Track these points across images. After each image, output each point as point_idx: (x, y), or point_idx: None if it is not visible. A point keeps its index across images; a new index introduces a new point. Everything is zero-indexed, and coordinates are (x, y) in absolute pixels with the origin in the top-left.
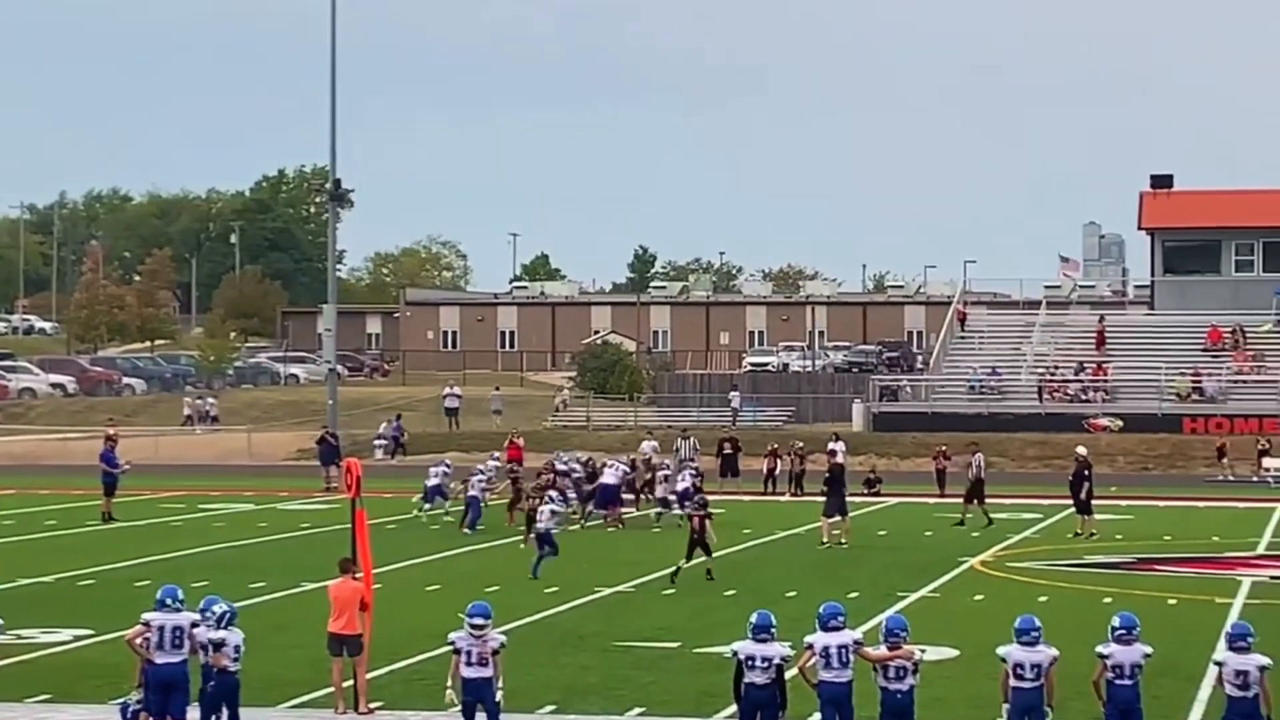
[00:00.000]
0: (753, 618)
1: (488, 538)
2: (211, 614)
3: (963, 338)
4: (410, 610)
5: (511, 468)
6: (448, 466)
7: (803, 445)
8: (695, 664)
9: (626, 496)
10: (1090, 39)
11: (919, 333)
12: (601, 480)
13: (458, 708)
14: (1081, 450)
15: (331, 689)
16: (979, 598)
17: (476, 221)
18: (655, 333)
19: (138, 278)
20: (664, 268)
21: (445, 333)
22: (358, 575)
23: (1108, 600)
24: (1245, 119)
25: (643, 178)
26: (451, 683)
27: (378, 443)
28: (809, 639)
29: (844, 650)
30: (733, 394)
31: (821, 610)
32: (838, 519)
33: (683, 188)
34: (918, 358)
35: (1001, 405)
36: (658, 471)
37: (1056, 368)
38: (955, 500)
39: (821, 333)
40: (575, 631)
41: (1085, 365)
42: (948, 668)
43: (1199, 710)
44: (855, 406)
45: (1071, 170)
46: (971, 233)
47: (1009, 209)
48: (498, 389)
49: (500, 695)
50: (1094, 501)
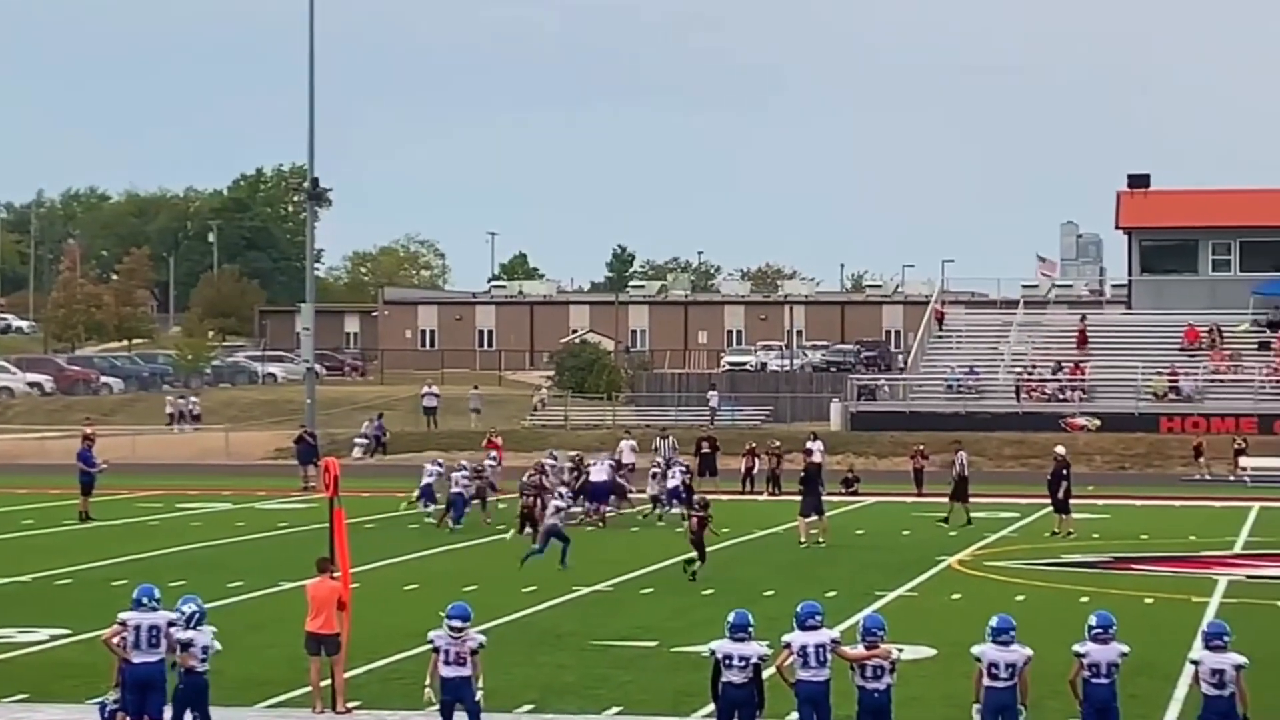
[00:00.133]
0: (730, 617)
1: (466, 537)
2: (181, 614)
3: (940, 337)
4: (388, 610)
5: (478, 467)
6: (439, 465)
7: (779, 444)
8: (673, 663)
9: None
10: (1068, 40)
11: (897, 332)
12: (590, 477)
13: (436, 706)
14: (1060, 449)
15: (309, 688)
16: (956, 597)
17: (454, 221)
18: (633, 332)
19: (115, 277)
20: (642, 267)
21: (423, 332)
22: (335, 574)
23: (1084, 599)
24: (1223, 119)
25: (621, 177)
26: (430, 681)
27: (358, 441)
28: (786, 638)
29: (821, 649)
30: (711, 393)
31: (799, 609)
32: (814, 518)
33: (661, 187)
34: (896, 357)
35: (979, 405)
36: (650, 470)
37: (1034, 367)
38: (933, 500)
39: (799, 332)
40: (553, 631)
41: (1063, 365)
42: (925, 667)
43: (1175, 709)
44: (833, 406)
45: (1049, 170)
46: (949, 232)
47: (986, 209)
48: (476, 388)
49: (480, 695)
50: (1071, 501)
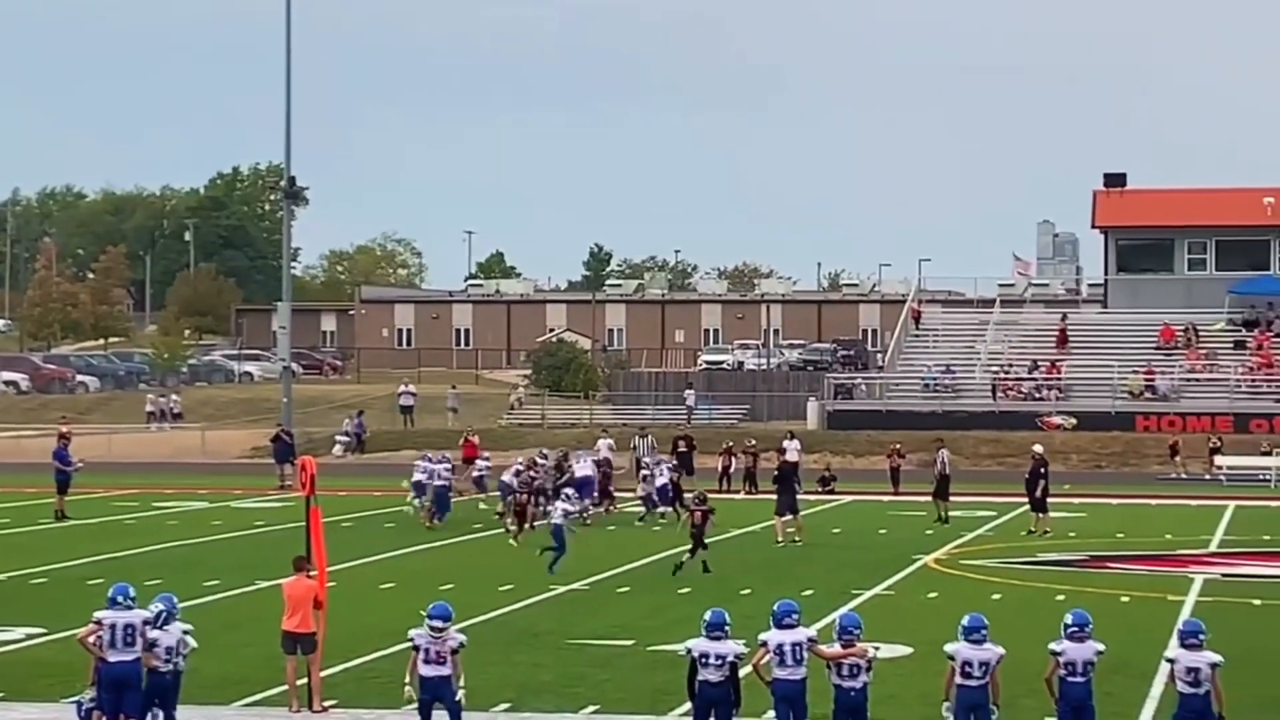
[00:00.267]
0: (707, 615)
1: (443, 536)
2: (150, 613)
3: (917, 336)
4: (365, 608)
5: (452, 466)
6: (430, 461)
7: (755, 443)
8: (650, 662)
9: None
10: (1045, 39)
11: (874, 331)
12: (574, 474)
13: (414, 705)
14: (1038, 448)
15: (285, 687)
16: (933, 595)
17: (431, 219)
18: (610, 330)
19: (91, 275)
20: (619, 266)
21: (400, 330)
22: (312, 573)
23: (1061, 598)
24: (1199, 118)
25: (598, 176)
26: (410, 680)
27: (339, 439)
28: (763, 636)
29: (798, 648)
30: (688, 392)
31: (776, 608)
32: (789, 517)
33: (638, 186)
34: (873, 356)
35: (956, 403)
36: (640, 470)
37: (1011, 366)
38: (909, 498)
39: (776, 331)
40: (530, 629)
41: (1039, 364)
42: (901, 665)
43: (1151, 707)
44: (810, 404)
45: (1025, 169)
46: (926, 232)
47: (963, 208)
48: (454, 387)
49: (462, 695)
50: (1048, 500)
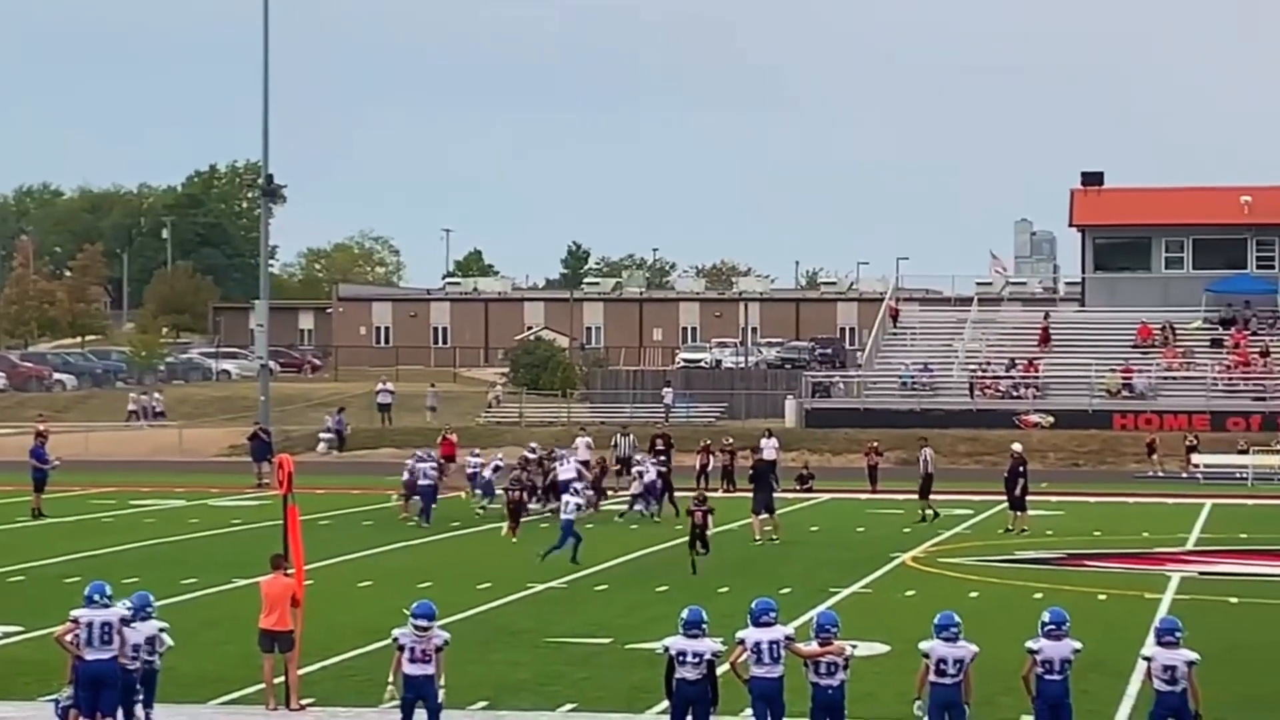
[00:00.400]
0: (684, 613)
1: (420, 534)
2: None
3: (895, 334)
4: (342, 606)
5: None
6: (477, 455)
7: (732, 441)
8: (627, 660)
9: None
10: (1022, 39)
11: (851, 329)
12: (558, 473)
13: (395, 703)
14: (1017, 447)
15: (263, 685)
16: (910, 593)
17: (409, 217)
18: (588, 329)
19: (69, 273)
20: (597, 264)
21: (378, 328)
22: (289, 571)
23: (1038, 596)
24: (1176, 118)
25: (576, 174)
26: (393, 678)
27: (323, 436)
28: (740, 634)
29: (775, 646)
30: (666, 390)
31: (753, 606)
32: (765, 515)
33: (616, 184)
34: (852, 354)
35: (933, 401)
36: (633, 468)
37: (988, 364)
38: (887, 496)
39: (754, 329)
40: (507, 628)
41: (1016, 362)
42: (879, 663)
43: (1128, 705)
44: (788, 403)
45: (1003, 168)
46: (904, 230)
47: (941, 206)
48: (433, 385)
49: (443, 693)
50: (1026, 498)
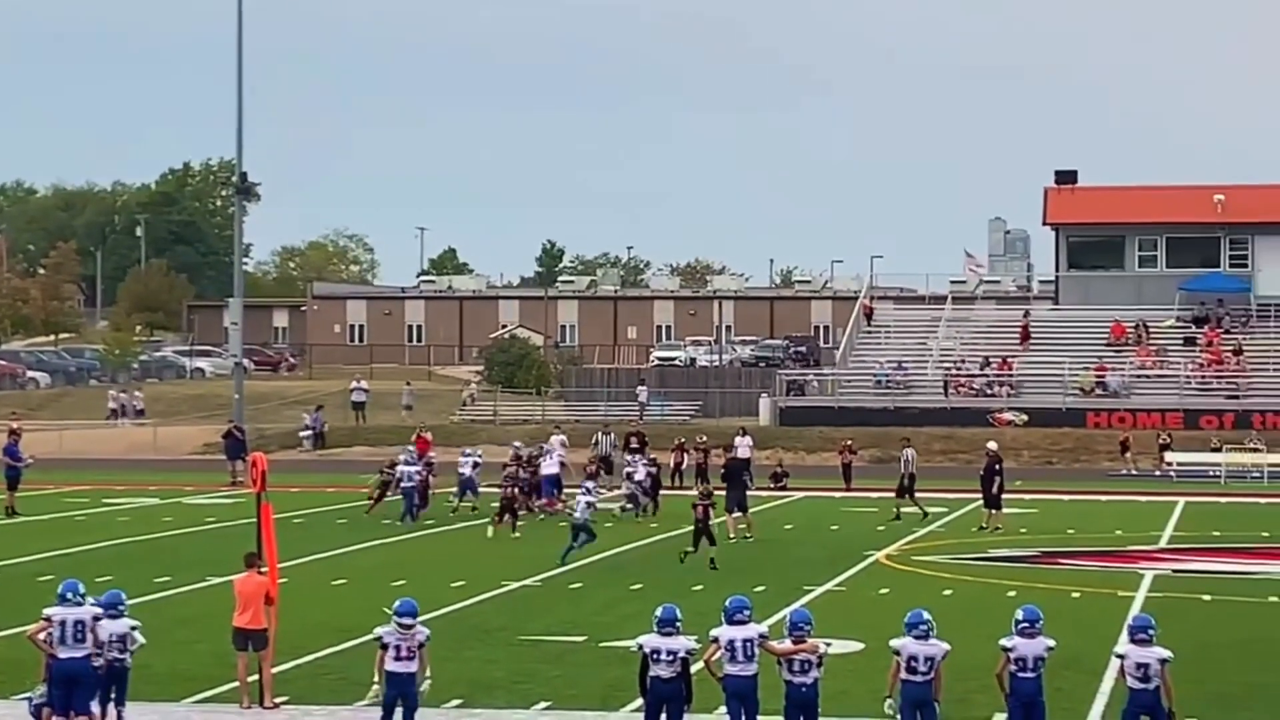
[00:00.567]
0: (658, 611)
1: (394, 532)
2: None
3: (869, 332)
4: (316, 604)
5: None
6: (474, 454)
7: (705, 439)
8: (601, 658)
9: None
10: (996, 37)
11: (826, 327)
12: (540, 471)
13: (377, 701)
14: (993, 445)
15: (236, 683)
16: (884, 591)
17: (383, 215)
18: (563, 327)
19: (42, 271)
20: (572, 262)
21: (352, 326)
22: (263, 570)
23: (1011, 593)
24: (1149, 116)
25: (550, 172)
26: (377, 677)
27: (304, 434)
28: (714, 632)
29: (749, 644)
30: (640, 388)
31: (727, 604)
32: (739, 514)
33: (590, 182)
34: (826, 353)
35: (907, 400)
36: (625, 469)
37: (963, 362)
38: (861, 494)
39: (729, 327)
40: (481, 626)
41: (990, 360)
42: (853, 661)
43: (1101, 702)
44: (762, 401)
45: (977, 166)
46: (878, 228)
47: (915, 204)
48: (408, 384)
49: (428, 684)
50: (1002, 496)
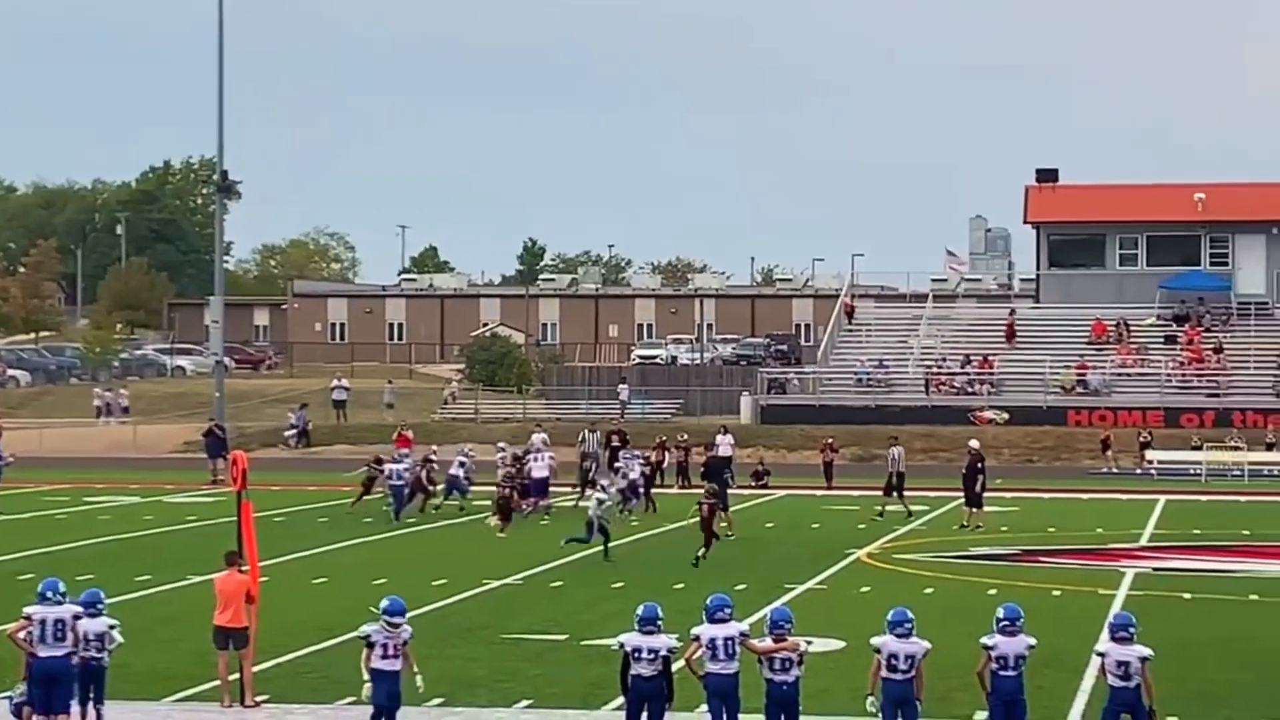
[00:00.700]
0: (639, 610)
1: (374, 530)
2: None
3: (850, 331)
4: (297, 603)
5: (378, 458)
6: (469, 455)
7: (686, 437)
8: (583, 656)
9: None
10: (976, 35)
11: (807, 326)
12: (532, 475)
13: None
14: (974, 443)
15: (217, 682)
16: (865, 590)
17: (364, 214)
18: (544, 325)
19: (22, 269)
20: (553, 260)
21: (333, 325)
22: (244, 568)
23: (992, 592)
24: (1130, 115)
25: (531, 170)
26: (367, 675)
27: (289, 432)
28: (695, 631)
29: (730, 642)
30: (621, 386)
31: (708, 602)
32: (720, 512)
33: (571, 181)
34: (808, 351)
35: (888, 398)
36: (615, 465)
37: (944, 360)
38: (842, 492)
39: (710, 325)
40: (463, 624)
41: (971, 358)
42: (834, 659)
43: (1082, 700)
44: (743, 399)
45: (958, 165)
46: (859, 226)
47: (896, 203)
48: (390, 382)
49: (420, 680)
50: (984, 494)
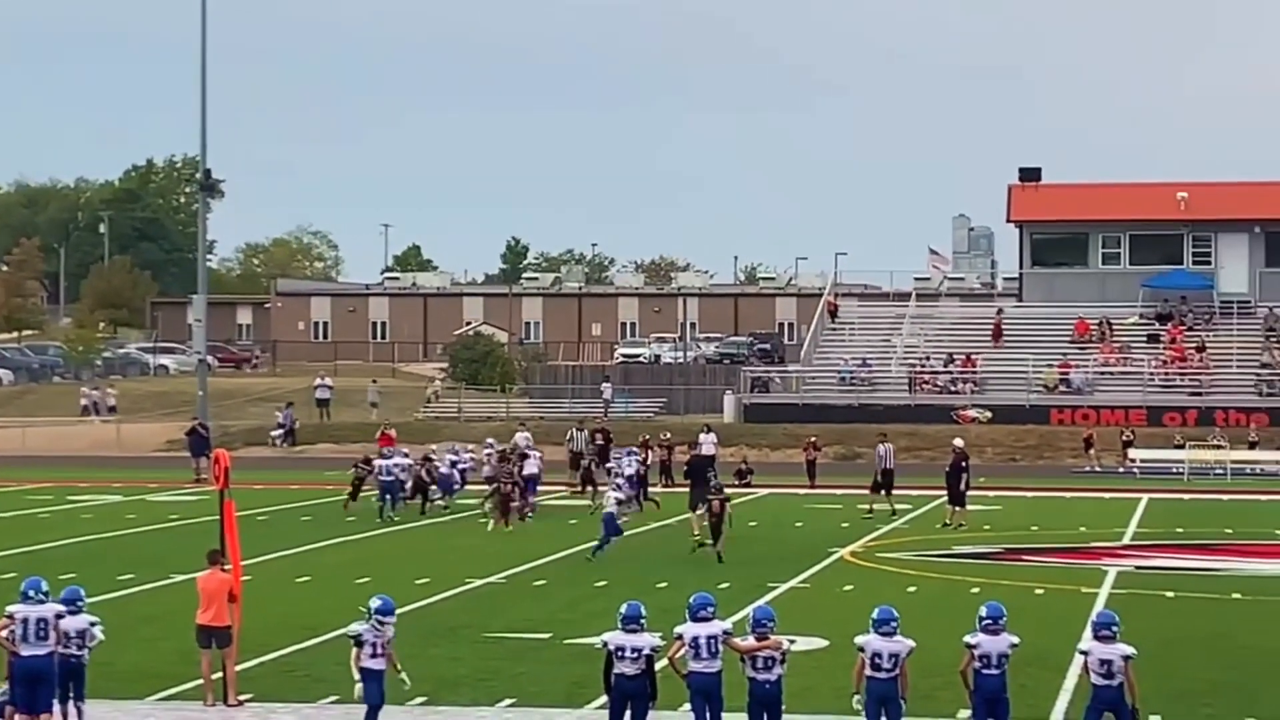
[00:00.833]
0: (622, 608)
1: (358, 529)
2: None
3: (833, 329)
4: (280, 602)
5: (366, 457)
6: (466, 450)
7: (669, 436)
8: (566, 655)
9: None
10: (959, 34)
11: (790, 324)
12: (521, 469)
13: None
14: (959, 442)
15: (200, 681)
16: (849, 588)
17: (347, 212)
18: (527, 324)
19: (5, 268)
20: (536, 259)
21: (316, 323)
22: (226, 567)
23: (975, 590)
24: (1112, 113)
25: (515, 169)
26: (358, 675)
27: (276, 432)
28: (679, 629)
29: (713, 641)
30: (605, 385)
31: (691, 601)
32: (702, 511)
33: (555, 179)
34: (796, 351)
35: (872, 396)
36: (608, 463)
37: (927, 359)
38: (825, 491)
39: (693, 324)
40: (446, 623)
41: (954, 357)
42: (817, 658)
43: (1065, 699)
44: (726, 398)
45: (941, 163)
46: (842, 225)
47: (879, 202)
48: (374, 381)
49: (405, 676)
50: (967, 493)
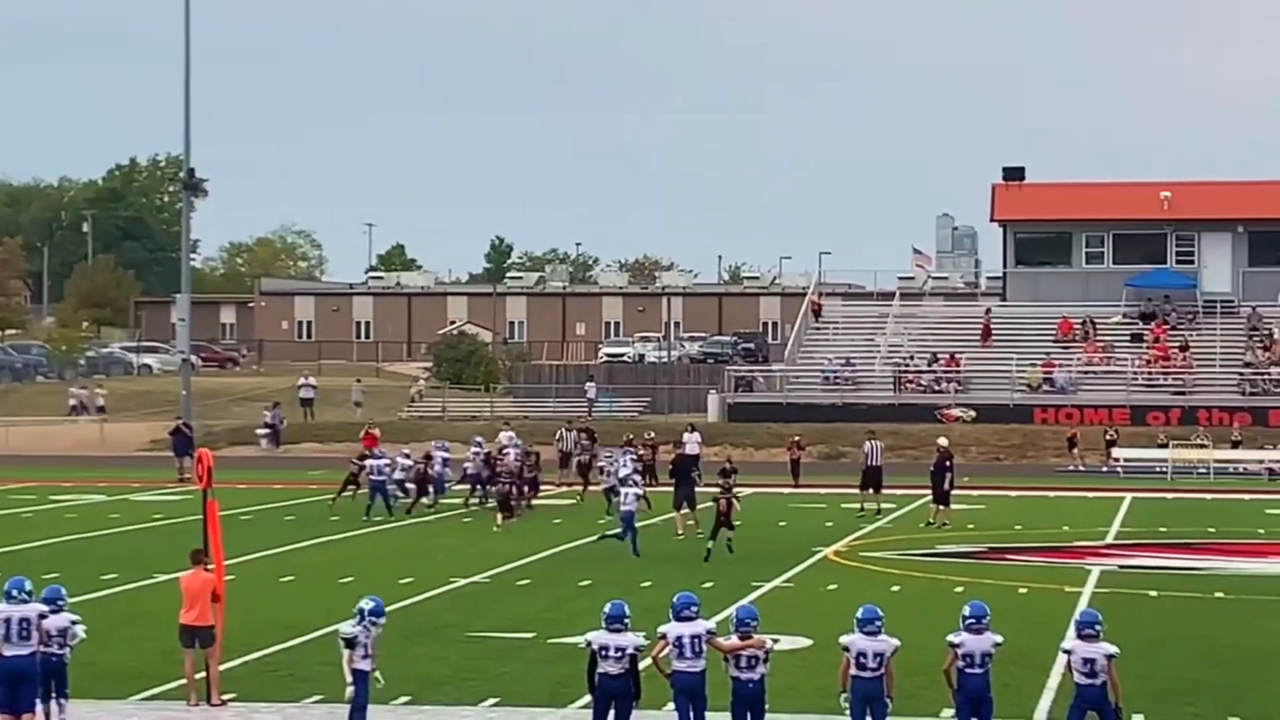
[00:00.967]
0: (606, 608)
1: (340, 528)
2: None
3: (817, 329)
4: (263, 601)
5: (362, 454)
6: (479, 445)
7: (653, 435)
8: (550, 654)
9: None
10: (943, 34)
11: (774, 324)
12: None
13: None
14: (943, 441)
15: (184, 681)
16: (832, 587)
17: (331, 211)
18: (511, 323)
19: None
20: (520, 258)
21: (300, 323)
22: (210, 566)
23: (959, 589)
24: (1096, 113)
25: (499, 168)
26: (350, 677)
27: (261, 431)
28: (662, 629)
29: (697, 640)
30: (588, 384)
31: (675, 600)
32: (687, 510)
33: (539, 179)
34: (780, 350)
35: (856, 396)
36: (596, 462)
37: (911, 358)
38: (809, 490)
39: (677, 324)
40: (430, 622)
41: (938, 356)
42: (801, 657)
43: (1048, 698)
44: (710, 397)
45: (925, 163)
46: (826, 224)
47: (863, 201)
48: (359, 381)
49: (379, 674)
50: (951, 492)
